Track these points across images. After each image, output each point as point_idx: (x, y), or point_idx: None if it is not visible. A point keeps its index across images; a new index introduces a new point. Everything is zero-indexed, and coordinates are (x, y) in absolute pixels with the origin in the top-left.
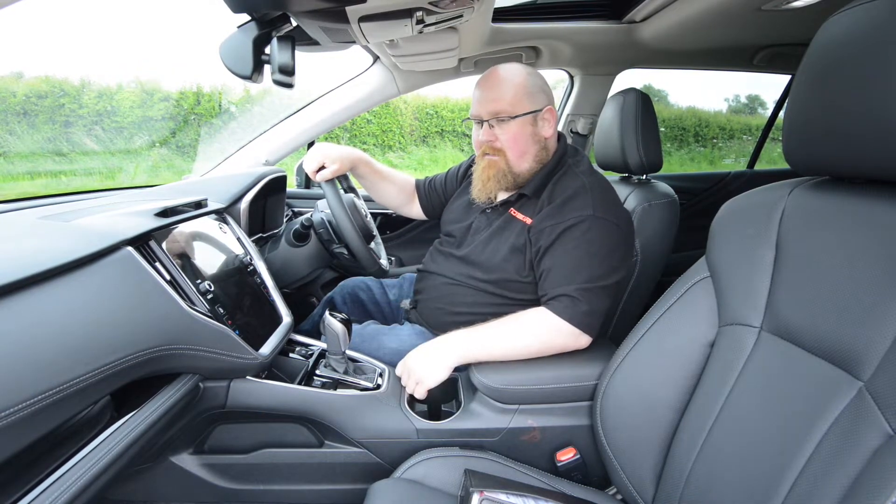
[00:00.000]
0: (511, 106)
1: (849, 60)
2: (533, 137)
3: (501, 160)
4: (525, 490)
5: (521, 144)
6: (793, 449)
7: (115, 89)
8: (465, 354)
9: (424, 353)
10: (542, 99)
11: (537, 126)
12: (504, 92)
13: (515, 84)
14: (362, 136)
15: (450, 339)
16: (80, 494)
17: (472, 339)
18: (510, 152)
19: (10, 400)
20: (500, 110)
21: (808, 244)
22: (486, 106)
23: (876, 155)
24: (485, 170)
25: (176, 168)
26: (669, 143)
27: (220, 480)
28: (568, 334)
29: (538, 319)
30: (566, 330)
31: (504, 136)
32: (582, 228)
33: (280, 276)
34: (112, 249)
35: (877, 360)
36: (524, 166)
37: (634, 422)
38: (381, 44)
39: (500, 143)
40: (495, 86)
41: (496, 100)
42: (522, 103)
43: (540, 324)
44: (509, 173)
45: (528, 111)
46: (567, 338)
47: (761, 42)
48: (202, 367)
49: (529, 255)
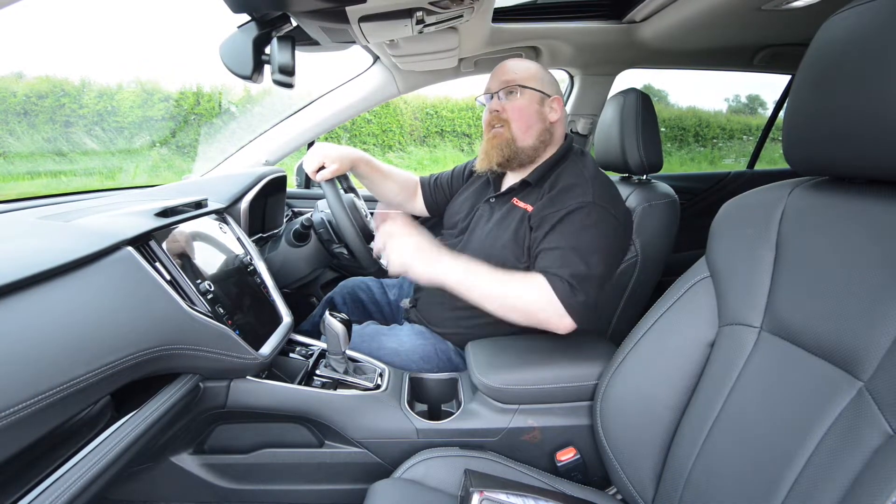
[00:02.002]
0: (522, 79)
1: (849, 60)
2: (538, 115)
3: (506, 130)
4: (525, 490)
5: (526, 118)
6: (793, 449)
7: (115, 89)
8: (450, 279)
9: (425, 251)
10: (551, 88)
11: (544, 107)
12: (517, 68)
13: (529, 67)
14: (362, 136)
15: (447, 260)
16: (80, 494)
17: (464, 272)
18: (515, 124)
19: (11, 400)
20: (510, 80)
21: (808, 244)
22: (499, 77)
23: (876, 155)
24: (489, 141)
25: (176, 168)
26: (670, 143)
27: (220, 480)
28: (554, 313)
29: (536, 286)
30: (558, 310)
31: (511, 106)
32: (582, 214)
33: (280, 276)
34: (112, 249)
35: (877, 360)
36: (527, 142)
37: (634, 422)
38: (381, 44)
39: (506, 114)
40: (509, 64)
41: (509, 73)
42: (533, 81)
43: (537, 291)
44: (512, 144)
45: (537, 88)
46: (552, 317)
47: (761, 42)
48: (202, 367)
49: (528, 241)
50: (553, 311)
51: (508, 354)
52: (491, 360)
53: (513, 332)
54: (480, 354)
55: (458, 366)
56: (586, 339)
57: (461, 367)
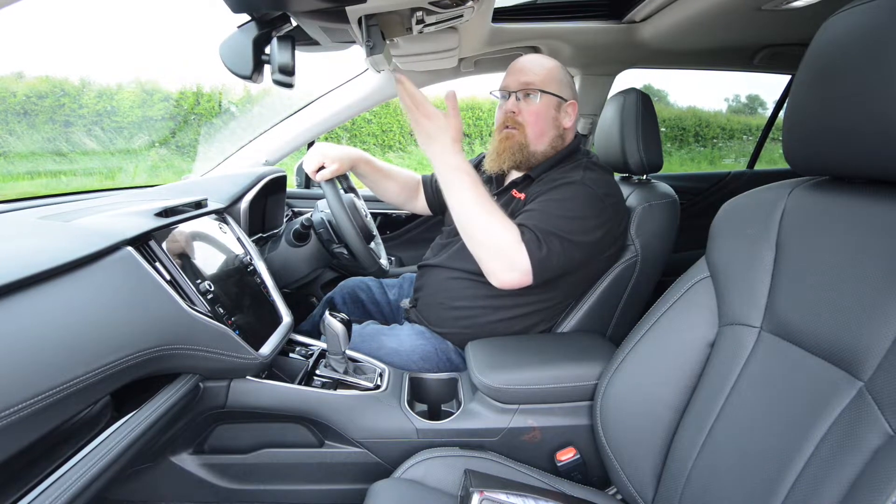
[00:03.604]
0: (542, 82)
1: (849, 60)
2: (553, 122)
3: (520, 134)
4: (525, 490)
5: (541, 123)
6: (793, 449)
7: (115, 89)
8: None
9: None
10: (568, 92)
11: (559, 113)
12: (537, 69)
13: (548, 67)
14: (362, 136)
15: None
16: (80, 494)
17: (463, 179)
18: (530, 128)
19: (10, 400)
20: (530, 82)
21: (808, 244)
22: (518, 77)
23: (876, 155)
24: (501, 142)
25: (176, 168)
26: (670, 143)
27: (220, 480)
28: (514, 264)
29: (511, 230)
30: (519, 260)
31: (528, 110)
32: (564, 190)
33: (280, 276)
34: (112, 249)
35: (877, 360)
36: (540, 147)
37: (634, 422)
38: None
39: (522, 118)
40: (529, 63)
41: (528, 73)
42: (552, 85)
43: (510, 234)
44: (525, 149)
45: (556, 93)
46: (511, 268)
47: (761, 42)
48: (202, 367)
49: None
50: (513, 264)
51: (508, 354)
52: (491, 360)
53: (513, 332)
54: (480, 354)
55: (458, 366)
56: (586, 338)
57: (461, 367)
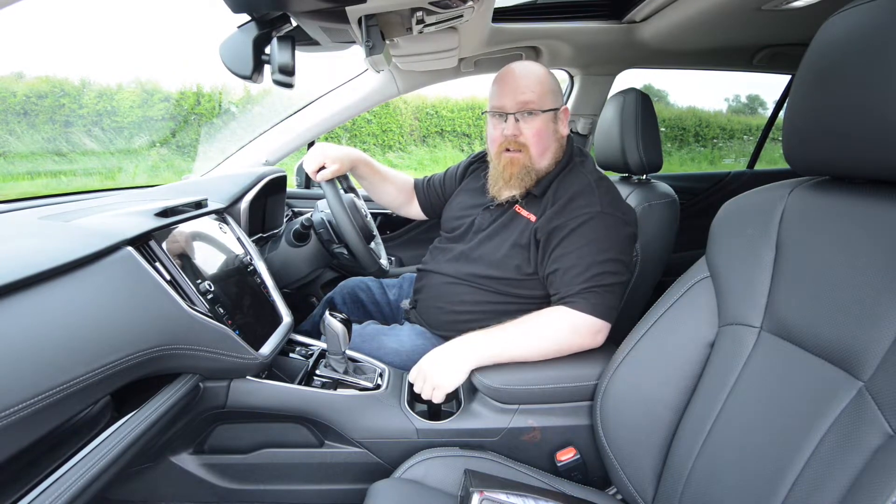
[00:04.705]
0: (539, 100)
1: (849, 60)
2: (554, 135)
3: (525, 156)
4: (525, 490)
5: (544, 140)
6: (793, 449)
7: (115, 89)
8: (483, 357)
9: (441, 356)
10: (560, 99)
11: (557, 124)
12: (531, 85)
13: (541, 79)
14: (362, 136)
15: (467, 341)
16: (80, 494)
17: (491, 341)
18: (534, 148)
19: (11, 400)
20: (528, 101)
21: (808, 244)
22: (514, 97)
23: (876, 155)
24: (507, 167)
25: (176, 168)
26: (669, 143)
27: (220, 480)
28: (586, 332)
29: (558, 317)
30: (587, 327)
31: (529, 130)
32: (591, 226)
33: (280, 276)
34: (112, 249)
35: (877, 360)
36: (544, 164)
37: (634, 422)
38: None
39: (524, 138)
40: (521, 79)
41: (525, 92)
42: (548, 99)
43: (560, 322)
44: (533, 171)
45: (552, 108)
46: (585, 337)
47: (761, 42)
48: (202, 367)
49: (533, 253)
50: (586, 332)
51: None
52: None
53: None
54: None
55: None
56: None
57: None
